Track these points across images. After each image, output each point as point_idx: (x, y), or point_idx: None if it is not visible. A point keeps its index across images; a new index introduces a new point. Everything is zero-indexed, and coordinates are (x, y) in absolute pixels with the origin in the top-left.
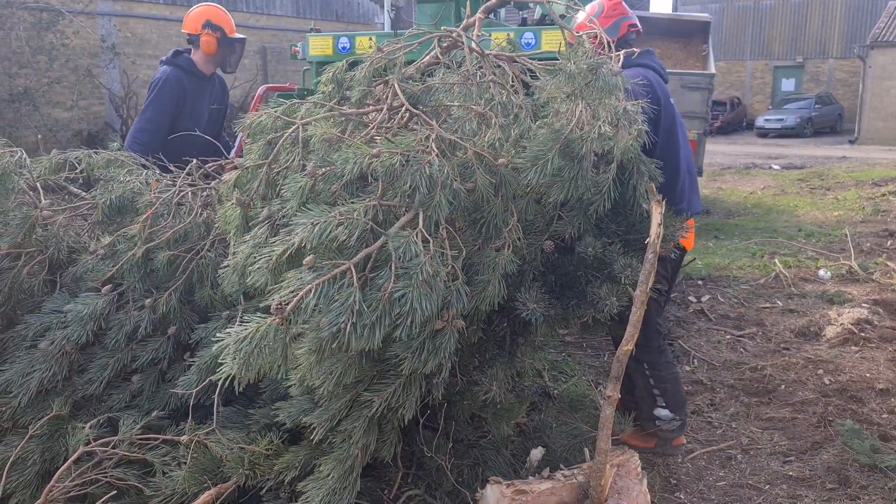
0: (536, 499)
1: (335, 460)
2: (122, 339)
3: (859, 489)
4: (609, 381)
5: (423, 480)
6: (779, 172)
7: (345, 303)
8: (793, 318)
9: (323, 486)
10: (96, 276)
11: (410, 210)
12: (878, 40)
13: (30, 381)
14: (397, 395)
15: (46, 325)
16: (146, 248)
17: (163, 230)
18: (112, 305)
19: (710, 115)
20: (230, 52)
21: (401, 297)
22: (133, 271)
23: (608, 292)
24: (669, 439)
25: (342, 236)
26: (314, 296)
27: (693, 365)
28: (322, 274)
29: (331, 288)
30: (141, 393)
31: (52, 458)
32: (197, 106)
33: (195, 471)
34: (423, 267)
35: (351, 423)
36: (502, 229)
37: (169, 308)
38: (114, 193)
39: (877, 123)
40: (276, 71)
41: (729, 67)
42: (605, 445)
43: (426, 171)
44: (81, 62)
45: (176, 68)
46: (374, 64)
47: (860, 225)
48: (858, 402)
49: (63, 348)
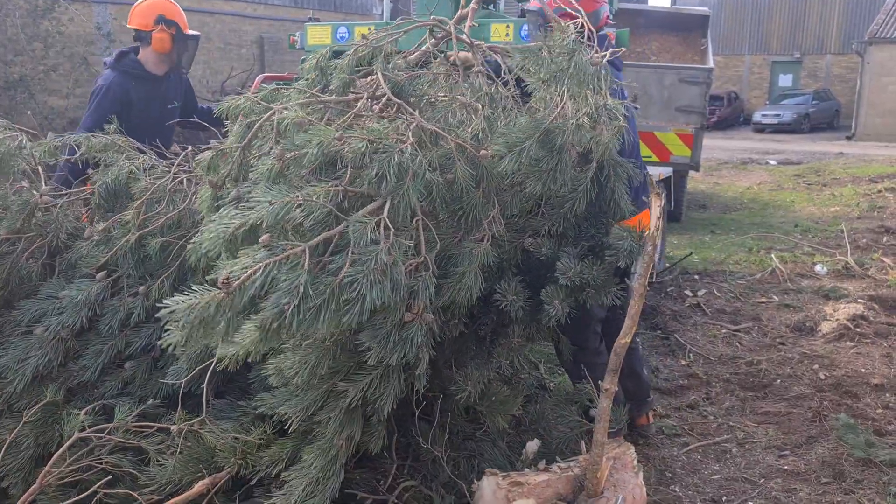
0: (532, 491)
1: (318, 449)
2: (115, 326)
3: (854, 483)
4: (606, 373)
5: (419, 472)
6: (775, 168)
7: (291, 284)
8: (789, 313)
9: (306, 475)
10: (90, 262)
11: (378, 198)
12: (876, 36)
13: (25, 368)
14: (374, 387)
15: (42, 310)
16: (139, 235)
17: (157, 217)
18: (106, 292)
19: (708, 109)
20: (184, 50)
21: (351, 282)
22: (127, 258)
23: (549, 295)
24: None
25: (299, 218)
26: (261, 274)
27: (689, 359)
28: (275, 254)
29: (280, 269)
30: (133, 380)
31: (45, 442)
32: (147, 110)
33: (189, 460)
34: (378, 255)
35: (327, 413)
36: (482, 221)
37: (162, 295)
38: (108, 177)
39: (874, 119)
40: (273, 61)
41: (727, 62)
42: (601, 438)
43: (395, 160)
44: (77, 50)
45: (120, 73)
46: (358, 52)
47: (856, 221)
48: (853, 397)
49: (58, 334)
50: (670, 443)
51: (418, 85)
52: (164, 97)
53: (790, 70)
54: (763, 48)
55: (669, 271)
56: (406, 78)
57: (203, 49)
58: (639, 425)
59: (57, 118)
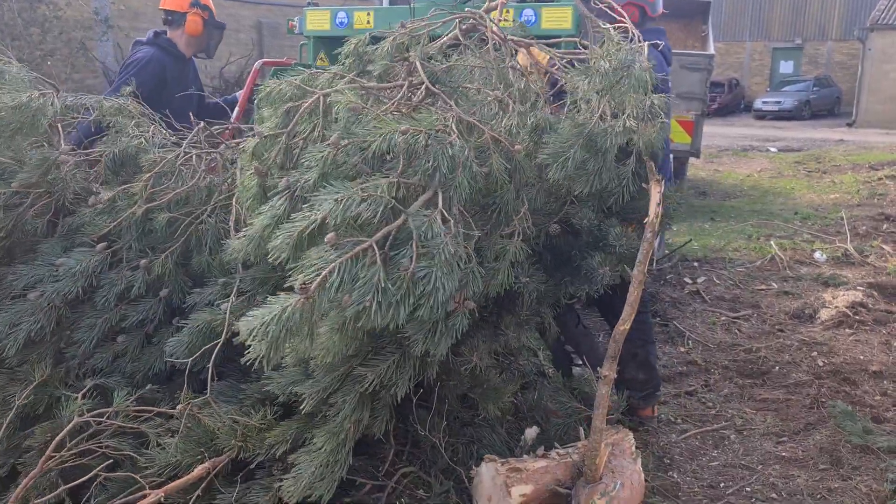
0: (531, 477)
1: (328, 433)
2: (112, 299)
3: (851, 470)
4: (605, 360)
5: (418, 458)
6: (776, 155)
7: (369, 281)
8: (788, 301)
9: (315, 458)
10: (93, 230)
11: (429, 189)
12: (878, 23)
13: (18, 332)
14: (391, 372)
15: (39, 276)
16: (147, 208)
17: (165, 191)
18: (105, 263)
19: (709, 96)
20: (212, 37)
21: (424, 275)
22: (131, 230)
23: (601, 262)
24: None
25: (366, 213)
26: (338, 274)
27: (688, 346)
28: (345, 252)
29: (354, 266)
30: (125, 354)
31: (33, 406)
32: (177, 89)
33: (189, 442)
34: (444, 247)
35: (342, 395)
36: (513, 217)
37: (165, 270)
38: (117, 147)
39: (875, 106)
40: (271, 46)
41: (728, 48)
42: (600, 424)
43: (448, 151)
44: (75, 35)
45: (160, 49)
46: (396, 39)
47: (856, 208)
48: (851, 384)
49: (52, 302)
50: (669, 429)
51: (453, 75)
52: (189, 81)
53: (791, 57)
54: (764, 35)
55: (669, 258)
56: (443, 68)
57: None
58: (642, 416)
59: None
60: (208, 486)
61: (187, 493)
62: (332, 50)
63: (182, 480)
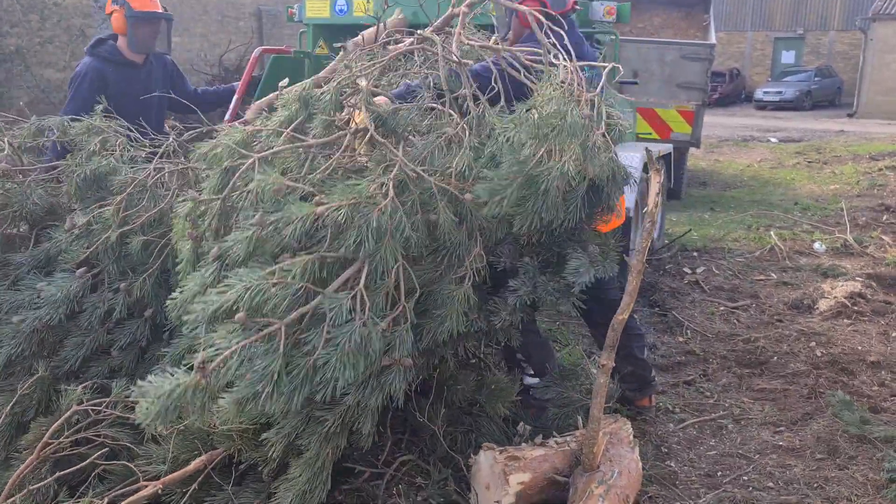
0: (529, 465)
1: (305, 464)
2: (95, 322)
3: (848, 459)
4: (603, 349)
5: (417, 447)
6: (776, 145)
7: (266, 368)
8: (787, 291)
9: (293, 487)
10: (71, 256)
11: (356, 263)
12: (880, 13)
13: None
14: (352, 412)
15: (20, 302)
16: (121, 232)
17: (138, 212)
18: (86, 287)
19: (710, 86)
20: (139, 29)
21: (324, 364)
22: (107, 253)
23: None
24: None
25: (275, 299)
26: (237, 359)
27: (686, 336)
28: (249, 335)
29: (256, 351)
30: (121, 368)
31: (22, 411)
32: (126, 96)
33: (186, 437)
34: (352, 334)
35: (307, 437)
36: (464, 259)
37: (144, 292)
38: (88, 167)
39: (876, 97)
40: (271, 34)
41: (729, 38)
42: (598, 413)
43: (374, 223)
44: (74, 22)
45: (97, 59)
46: (340, 84)
47: (856, 199)
48: (849, 375)
49: (34, 327)
50: (667, 419)
51: (404, 116)
52: (146, 84)
53: (793, 47)
54: (766, 24)
55: (668, 248)
56: (390, 111)
57: (200, 22)
58: (639, 406)
59: (53, 91)
60: (205, 479)
61: (185, 485)
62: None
63: (180, 472)
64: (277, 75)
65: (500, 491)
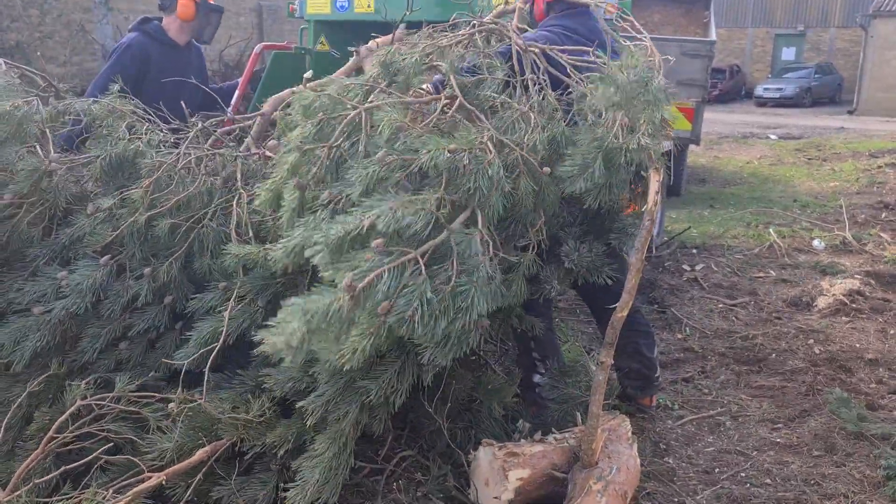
0: (528, 461)
1: (330, 438)
2: (117, 309)
3: (845, 456)
4: (602, 346)
5: (416, 442)
6: (776, 142)
7: (416, 291)
8: (785, 288)
9: (319, 464)
10: (95, 241)
11: (468, 208)
12: (881, 9)
13: (24, 349)
14: (392, 383)
15: (42, 291)
16: (149, 215)
17: (166, 196)
18: (111, 275)
19: (710, 83)
20: (207, 22)
21: (462, 292)
22: (133, 238)
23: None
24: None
25: (415, 225)
26: (387, 279)
27: (685, 333)
28: (393, 260)
29: (401, 274)
30: (129, 360)
31: (37, 403)
32: (163, 77)
33: (190, 428)
34: (483, 266)
35: (345, 406)
36: (529, 229)
37: (170, 277)
38: (114, 150)
39: (876, 94)
40: (272, 30)
41: (730, 35)
42: (596, 410)
43: (488, 172)
44: (74, 17)
45: (144, 34)
46: (424, 50)
47: (855, 196)
48: (847, 372)
49: (59, 317)
50: (665, 415)
51: (481, 89)
52: (184, 69)
53: (793, 43)
54: (766, 21)
55: (667, 245)
56: (472, 81)
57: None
58: (641, 404)
59: None
60: (209, 470)
61: (189, 477)
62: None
63: (184, 464)
64: (278, 72)
65: (500, 487)
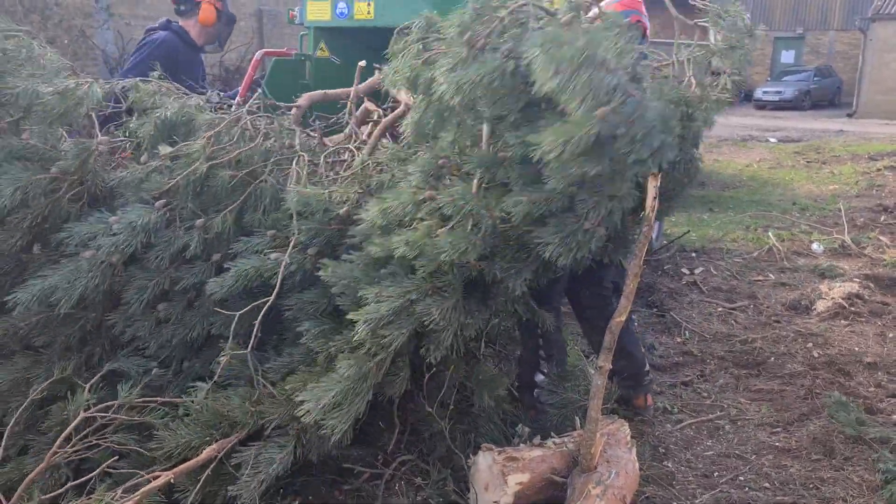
0: (527, 465)
1: (355, 360)
2: (166, 258)
3: (843, 460)
4: (601, 352)
5: (416, 447)
6: (775, 145)
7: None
8: (784, 292)
9: (338, 385)
10: (151, 187)
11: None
12: (879, 13)
13: (73, 290)
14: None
15: (93, 233)
16: (210, 165)
17: (226, 150)
18: (162, 222)
19: None
20: (225, 27)
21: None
22: (188, 188)
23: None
24: (545, 410)
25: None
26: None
27: (684, 336)
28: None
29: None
30: (167, 320)
31: (54, 396)
32: (187, 75)
33: (199, 425)
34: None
35: (395, 329)
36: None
37: (224, 228)
38: (169, 110)
39: (876, 97)
40: (272, 35)
41: None
42: (595, 414)
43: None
44: (75, 22)
45: (174, 34)
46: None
47: (854, 199)
48: (846, 376)
49: (109, 258)
50: (664, 419)
51: None
52: (199, 69)
53: (793, 46)
54: (766, 23)
55: (667, 249)
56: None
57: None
58: (636, 406)
59: None
60: (217, 466)
61: (197, 475)
62: (332, 40)
63: (191, 462)
64: (279, 78)
65: (499, 491)
